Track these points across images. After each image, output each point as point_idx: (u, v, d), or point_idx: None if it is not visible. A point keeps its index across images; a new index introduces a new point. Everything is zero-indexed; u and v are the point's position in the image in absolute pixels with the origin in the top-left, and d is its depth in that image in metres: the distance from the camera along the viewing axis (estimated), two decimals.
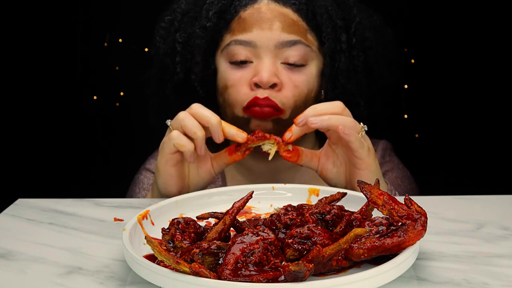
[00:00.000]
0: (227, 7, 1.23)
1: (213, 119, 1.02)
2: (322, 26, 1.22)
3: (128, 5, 1.90)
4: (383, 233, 0.73)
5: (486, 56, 1.81)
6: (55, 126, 1.98)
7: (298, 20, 1.21)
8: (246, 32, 1.19)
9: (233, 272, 0.68)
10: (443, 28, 1.82)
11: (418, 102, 1.83)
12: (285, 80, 1.19)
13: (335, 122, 1.00)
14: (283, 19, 1.19)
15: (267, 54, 1.18)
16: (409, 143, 1.89)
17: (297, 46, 1.19)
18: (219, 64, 1.24)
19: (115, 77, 1.96)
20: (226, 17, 1.23)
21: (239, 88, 1.19)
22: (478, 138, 1.86)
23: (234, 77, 1.20)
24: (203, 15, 1.24)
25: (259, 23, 1.19)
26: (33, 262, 0.82)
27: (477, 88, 1.84)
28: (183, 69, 1.27)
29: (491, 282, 0.74)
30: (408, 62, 1.85)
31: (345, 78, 1.24)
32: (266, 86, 1.17)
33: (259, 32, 1.18)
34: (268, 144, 1.05)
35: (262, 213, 0.96)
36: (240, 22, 1.21)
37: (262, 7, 1.20)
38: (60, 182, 1.97)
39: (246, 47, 1.19)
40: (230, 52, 1.20)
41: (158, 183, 1.07)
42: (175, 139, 1.02)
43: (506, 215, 0.97)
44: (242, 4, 1.22)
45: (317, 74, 1.23)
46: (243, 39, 1.19)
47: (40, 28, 1.90)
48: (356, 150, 1.02)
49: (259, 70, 1.17)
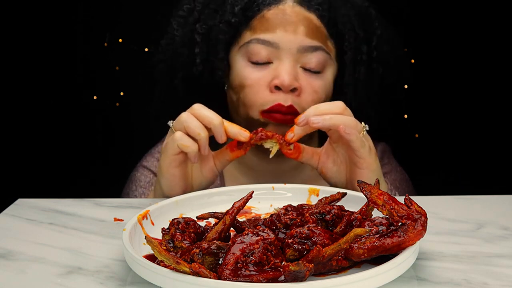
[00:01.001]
0: (250, 4, 1.21)
1: (216, 119, 1.02)
2: (344, 35, 1.22)
3: (128, 5, 1.89)
4: (383, 233, 0.73)
5: (486, 56, 1.81)
6: (55, 126, 1.98)
7: (320, 26, 1.20)
8: (269, 32, 1.18)
9: (233, 272, 0.68)
10: (443, 28, 1.82)
11: (418, 102, 1.83)
12: (304, 85, 1.18)
13: (336, 122, 1.00)
14: (307, 24, 1.18)
15: (289, 57, 1.17)
16: (409, 143, 1.89)
17: (318, 52, 1.18)
18: (235, 61, 1.22)
19: (115, 77, 1.96)
20: (248, 14, 1.21)
21: (257, 89, 1.18)
22: (478, 138, 1.86)
23: (253, 76, 1.18)
24: (228, 10, 1.22)
25: (284, 25, 1.17)
26: (33, 262, 0.82)
27: (477, 88, 1.84)
28: (201, 62, 1.25)
29: (491, 282, 0.74)
30: (408, 62, 1.85)
31: (363, 89, 1.25)
32: (287, 90, 1.16)
33: (283, 34, 1.17)
34: (270, 142, 1.06)
35: (262, 213, 0.96)
36: (263, 21, 1.19)
37: (287, 8, 1.19)
38: (60, 182, 1.97)
39: (268, 47, 1.17)
40: (250, 51, 1.19)
41: (162, 184, 1.07)
42: (179, 140, 1.01)
43: (506, 215, 0.97)
44: (266, 3, 1.20)
45: (332, 81, 1.23)
46: (266, 39, 1.17)
47: (40, 28, 1.90)
48: (357, 149, 1.02)
49: (280, 72, 1.16)
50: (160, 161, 1.06)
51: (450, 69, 1.84)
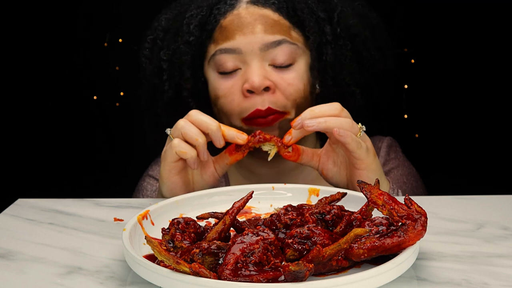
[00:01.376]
0: (207, 17, 1.22)
1: (213, 124, 1.02)
2: (304, 21, 1.21)
3: (128, 5, 1.89)
4: (383, 233, 0.73)
5: (486, 56, 1.81)
6: (55, 126, 1.98)
7: (279, 19, 1.19)
8: (229, 39, 1.18)
9: (233, 272, 0.68)
10: (443, 28, 1.82)
11: (418, 102, 1.83)
12: (277, 81, 1.18)
13: (331, 124, 1.00)
14: (264, 21, 1.18)
15: (254, 59, 1.17)
16: (409, 143, 1.89)
17: (282, 46, 1.18)
18: (208, 75, 1.23)
19: (115, 77, 1.96)
20: (208, 28, 1.21)
21: (231, 97, 1.18)
22: (478, 138, 1.86)
23: (225, 86, 1.19)
24: (185, 30, 1.23)
25: (241, 29, 1.18)
26: (33, 262, 0.82)
27: (477, 88, 1.84)
28: (172, 86, 1.26)
29: (491, 282, 0.74)
30: (408, 62, 1.85)
31: (336, 69, 1.23)
32: (259, 90, 1.16)
33: (242, 38, 1.17)
34: (268, 145, 1.05)
35: (262, 213, 0.96)
36: (222, 30, 1.19)
37: (241, 12, 1.19)
38: (60, 182, 1.97)
39: (232, 54, 1.17)
40: (217, 62, 1.19)
41: (164, 191, 1.07)
42: (177, 147, 1.01)
43: (506, 215, 0.97)
44: (221, 12, 1.20)
45: (307, 69, 1.22)
46: (227, 47, 1.18)
47: (40, 28, 1.90)
48: (354, 151, 1.02)
49: (249, 75, 1.16)
50: (161, 169, 1.06)
51: (450, 69, 1.84)
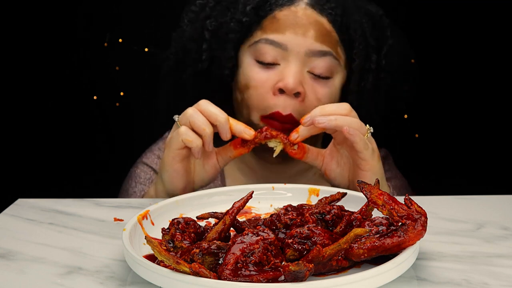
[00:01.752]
0: (262, 3, 1.20)
1: (221, 116, 1.02)
2: (355, 41, 1.21)
3: (128, 5, 1.89)
4: (383, 233, 0.73)
5: (486, 56, 1.81)
6: (55, 126, 1.98)
7: (331, 30, 1.19)
8: (278, 32, 1.17)
9: (233, 272, 0.68)
10: (443, 28, 1.82)
11: (418, 102, 1.83)
12: (308, 91, 1.17)
13: (341, 123, 1.00)
14: (318, 28, 1.17)
15: (296, 60, 1.16)
16: (409, 143, 1.89)
17: (326, 58, 1.17)
18: (243, 60, 1.22)
19: (115, 77, 1.96)
20: (260, 14, 1.20)
21: (261, 91, 1.17)
22: (478, 138, 1.86)
23: (258, 77, 1.18)
24: (240, 9, 1.22)
25: (294, 27, 1.17)
26: (33, 262, 0.82)
27: (477, 88, 1.84)
28: (208, 58, 1.24)
29: (491, 282, 0.74)
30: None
31: (369, 97, 1.24)
32: (291, 93, 1.15)
33: (293, 36, 1.16)
34: (274, 141, 1.06)
35: (262, 213, 0.96)
36: (274, 21, 1.18)
37: (299, 11, 1.18)
38: (60, 182, 1.97)
39: (276, 47, 1.17)
40: (258, 50, 1.18)
41: (164, 178, 1.07)
42: (184, 135, 1.01)
43: (506, 215, 0.97)
44: (278, 4, 1.19)
45: (340, 88, 1.22)
46: (275, 40, 1.17)
47: (40, 28, 1.90)
48: (361, 151, 1.02)
49: (286, 75, 1.16)
50: (164, 155, 1.06)
51: (450, 69, 1.84)
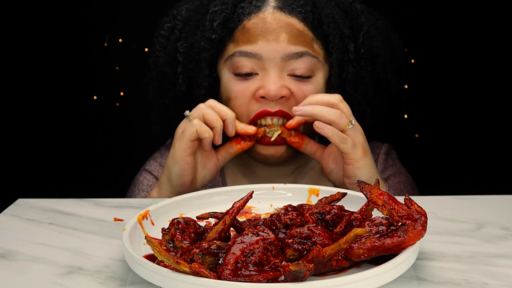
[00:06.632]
0: (230, 15, 1.19)
1: (230, 112, 1.12)
2: (329, 36, 1.19)
3: (128, 5, 1.89)
4: (383, 233, 0.73)
5: (486, 56, 1.81)
6: (55, 126, 1.98)
7: (304, 29, 1.17)
8: (251, 43, 1.15)
9: (233, 272, 0.68)
10: (443, 28, 1.82)
11: (418, 102, 1.83)
12: (294, 90, 1.16)
13: (314, 112, 1.06)
14: (290, 30, 1.16)
15: (273, 67, 1.15)
16: (409, 143, 1.89)
17: (304, 58, 1.16)
18: (222, 74, 1.21)
19: (115, 77, 1.96)
20: (229, 26, 1.19)
21: (242, 100, 1.17)
22: (478, 138, 1.86)
23: (237, 88, 1.17)
24: (207, 26, 1.20)
25: (265, 34, 1.15)
26: (33, 262, 0.82)
27: (477, 88, 1.84)
28: (185, 80, 1.24)
29: (491, 282, 0.74)
30: (408, 62, 1.85)
31: (353, 88, 1.22)
32: (274, 99, 1.15)
33: (265, 44, 1.15)
34: (272, 130, 1.16)
35: (262, 213, 0.96)
36: (244, 32, 1.17)
37: (267, 16, 1.16)
38: (60, 182, 1.97)
39: (251, 58, 1.15)
40: (234, 64, 1.17)
41: (174, 172, 1.11)
42: (198, 125, 1.09)
43: (506, 215, 0.97)
44: (245, 13, 1.17)
45: (324, 83, 1.21)
46: (248, 51, 1.16)
47: (40, 28, 1.90)
48: (337, 145, 1.06)
49: (266, 83, 1.15)
50: (175, 149, 1.11)
51: (450, 69, 1.84)
